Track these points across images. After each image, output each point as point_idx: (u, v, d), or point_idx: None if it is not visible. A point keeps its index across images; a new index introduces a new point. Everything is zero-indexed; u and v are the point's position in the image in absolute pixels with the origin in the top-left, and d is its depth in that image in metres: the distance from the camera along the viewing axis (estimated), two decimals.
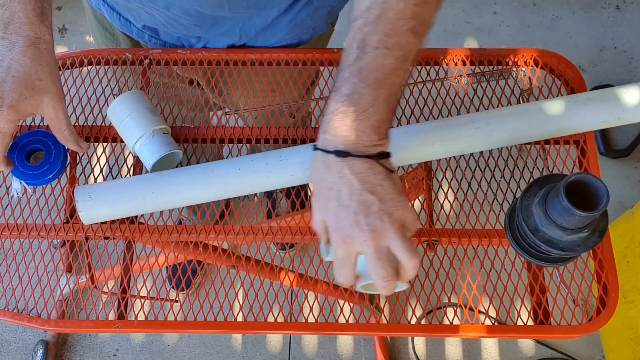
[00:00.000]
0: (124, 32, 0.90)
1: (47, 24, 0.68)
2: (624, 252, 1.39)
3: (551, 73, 0.87)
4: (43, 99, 0.67)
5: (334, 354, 1.57)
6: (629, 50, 1.93)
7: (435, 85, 0.88)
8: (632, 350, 1.37)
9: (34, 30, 0.67)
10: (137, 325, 0.74)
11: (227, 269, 0.84)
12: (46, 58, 0.67)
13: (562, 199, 0.60)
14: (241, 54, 0.87)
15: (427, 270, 0.73)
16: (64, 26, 2.02)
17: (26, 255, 0.78)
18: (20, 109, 0.66)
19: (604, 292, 0.74)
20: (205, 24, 0.82)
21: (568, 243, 0.65)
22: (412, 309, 0.75)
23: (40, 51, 0.67)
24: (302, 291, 1.12)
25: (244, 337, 1.59)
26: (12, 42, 0.66)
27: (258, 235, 0.76)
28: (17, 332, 1.60)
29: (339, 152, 0.57)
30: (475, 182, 0.81)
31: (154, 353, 1.58)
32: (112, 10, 0.87)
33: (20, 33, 0.66)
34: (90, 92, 0.88)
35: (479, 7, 2.01)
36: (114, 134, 0.83)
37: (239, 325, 0.74)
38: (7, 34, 0.66)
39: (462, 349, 1.58)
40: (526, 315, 0.76)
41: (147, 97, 0.79)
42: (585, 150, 0.81)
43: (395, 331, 0.76)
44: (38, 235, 0.77)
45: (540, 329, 0.73)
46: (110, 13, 0.88)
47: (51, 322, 0.74)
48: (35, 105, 0.67)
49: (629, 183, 1.76)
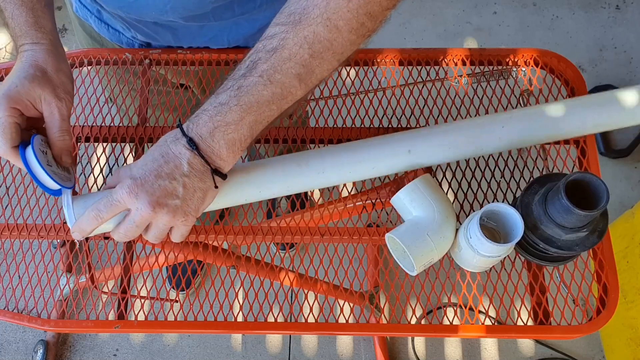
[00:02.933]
0: (113, 41, 0.90)
1: (43, 30, 0.68)
2: (624, 252, 1.39)
3: (551, 73, 0.87)
4: (39, 92, 0.65)
5: (333, 354, 1.57)
6: (629, 50, 1.93)
7: (435, 85, 0.88)
8: (632, 350, 1.37)
9: (29, 39, 0.67)
10: (137, 325, 0.74)
11: (227, 269, 0.84)
12: (42, 57, 0.67)
13: (562, 198, 0.60)
14: (241, 54, 0.88)
15: (427, 270, 0.73)
16: (64, 26, 2.02)
17: (26, 255, 0.78)
18: (13, 97, 0.63)
19: (604, 292, 0.74)
20: (192, 29, 0.82)
21: (567, 242, 0.65)
22: (412, 309, 0.75)
23: (36, 52, 0.67)
24: (302, 291, 1.12)
25: (244, 337, 1.59)
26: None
27: (258, 235, 0.76)
28: (17, 332, 1.60)
29: (191, 141, 0.61)
30: (475, 182, 0.81)
31: (154, 353, 1.58)
32: (100, 21, 0.87)
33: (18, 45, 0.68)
34: (90, 92, 0.89)
35: (479, 7, 2.02)
36: (114, 134, 0.83)
37: (239, 325, 0.74)
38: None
39: (462, 349, 1.58)
40: (526, 315, 0.76)
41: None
42: (585, 150, 0.81)
43: (395, 331, 0.76)
44: (38, 235, 0.77)
45: (540, 329, 0.73)
46: (98, 24, 0.88)
47: (51, 322, 0.74)
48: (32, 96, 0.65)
49: (629, 183, 1.76)
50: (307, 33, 0.58)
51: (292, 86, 0.60)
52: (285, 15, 0.59)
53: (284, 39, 0.59)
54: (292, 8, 0.59)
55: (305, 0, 0.59)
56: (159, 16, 0.76)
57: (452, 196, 0.79)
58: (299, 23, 0.59)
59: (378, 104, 0.86)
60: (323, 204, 0.90)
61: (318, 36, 0.59)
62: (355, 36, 0.60)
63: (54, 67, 0.67)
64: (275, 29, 0.60)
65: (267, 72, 0.59)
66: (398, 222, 0.73)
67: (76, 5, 0.89)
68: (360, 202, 0.96)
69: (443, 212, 0.70)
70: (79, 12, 0.89)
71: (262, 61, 0.59)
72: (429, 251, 0.68)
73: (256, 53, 0.60)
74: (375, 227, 0.77)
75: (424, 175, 0.72)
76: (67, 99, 0.68)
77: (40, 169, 0.63)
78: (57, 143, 0.67)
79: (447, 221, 0.70)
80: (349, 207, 0.96)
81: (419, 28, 1.97)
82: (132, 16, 0.78)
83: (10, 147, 0.64)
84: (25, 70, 0.65)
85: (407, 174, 0.88)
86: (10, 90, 0.64)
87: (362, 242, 0.77)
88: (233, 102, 0.60)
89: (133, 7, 0.75)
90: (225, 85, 0.61)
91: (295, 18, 0.59)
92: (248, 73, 0.60)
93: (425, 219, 0.70)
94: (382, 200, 0.83)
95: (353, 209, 0.96)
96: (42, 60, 0.67)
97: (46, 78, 0.66)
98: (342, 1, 0.57)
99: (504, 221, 0.67)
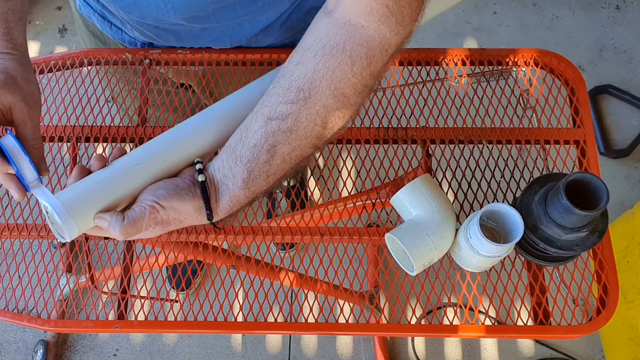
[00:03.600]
0: (116, 40, 0.90)
1: (14, 41, 0.69)
2: (624, 252, 1.39)
3: (551, 73, 0.87)
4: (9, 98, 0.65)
5: (333, 354, 1.57)
6: (629, 50, 1.93)
7: (435, 85, 0.88)
8: (632, 350, 1.37)
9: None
10: (137, 325, 0.74)
11: (227, 269, 0.84)
12: (12, 65, 0.68)
13: (562, 197, 0.60)
14: (241, 54, 0.88)
15: (427, 270, 0.73)
16: (64, 26, 2.02)
17: (26, 255, 0.78)
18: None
19: (604, 292, 0.74)
20: (194, 31, 0.82)
21: (566, 242, 0.65)
22: (412, 309, 0.75)
23: (6, 60, 0.68)
24: (302, 291, 1.12)
25: (244, 337, 1.59)
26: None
27: (258, 235, 0.77)
28: (17, 332, 1.60)
29: (210, 214, 0.63)
30: (475, 182, 0.81)
31: (154, 353, 1.58)
32: (104, 19, 0.87)
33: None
34: (90, 92, 0.89)
35: (479, 7, 2.01)
36: (114, 134, 0.83)
37: (239, 325, 0.74)
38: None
39: (462, 349, 1.58)
40: (526, 315, 0.76)
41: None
42: (585, 150, 0.81)
43: (395, 331, 0.76)
44: (38, 235, 0.77)
45: (540, 329, 0.73)
46: (101, 22, 0.88)
47: (51, 322, 0.74)
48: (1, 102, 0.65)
49: (629, 183, 1.76)
50: (318, 108, 0.60)
51: (308, 154, 0.64)
52: (294, 92, 0.60)
53: (297, 120, 0.60)
54: (299, 84, 0.60)
55: (310, 73, 0.59)
56: (161, 16, 0.76)
57: (452, 196, 0.79)
58: (309, 99, 0.60)
59: (378, 104, 0.86)
60: (323, 204, 0.90)
61: (329, 109, 0.60)
62: (360, 98, 0.62)
63: (23, 76, 0.68)
64: (287, 107, 0.61)
65: (289, 155, 0.62)
66: (398, 222, 0.73)
67: (79, 3, 0.89)
68: (360, 202, 0.96)
69: (443, 212, 0.70)
70: (82, 9, 0.89)
71: (282, 144, 0.61)
72: (429, 251, 0.68)
73: (273, 136, 0.61)
74: (375, 227, 0.77)
75: (424, 175, 0.72)
76: (37, 108, 0.68)
77: (23, 154, 0.62)
78: (33, 151, 0.66)
79: (447, 221, 0.70)
80: (349, 207, 0.97)
81: (419, 28, 1.97)
82: (134, 17, 0.78)
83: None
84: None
85: (407, 174, 0.88)
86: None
87: (362, 242, 0.77)
88: (263, 187, 0.64)
89: (134, 7, 0.75)
90: (252, 175, 0.63)
91: (305, 94, 0.60)
92: (271, 159, 0.62)
93: (424, 219, 0.70)
94: (382, 200, 0.83)
95: (353, 209, 0.96)
96: (12, 69, 0.67)
97: (16, 85, 0.66)
98: (347, 66, 0.59)
99: (504, 221, 0.67)
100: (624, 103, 1.85)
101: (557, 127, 0.83)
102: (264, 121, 0.62)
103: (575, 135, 0.82)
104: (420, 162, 0.85)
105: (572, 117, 0.85)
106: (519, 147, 0.81)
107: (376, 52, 0.59)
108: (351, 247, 0.78)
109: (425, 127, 0.83)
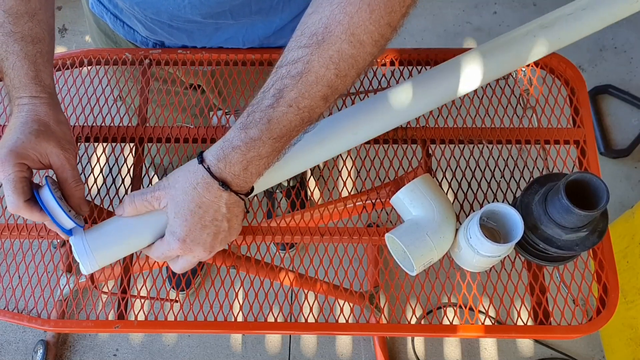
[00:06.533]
0: (127, 39, 0.90)
1: (42, 84, 0.69)
2: (624, 252, 1.39)
3: (551, 73, 0.87)
4: (45, 146, 0.66)
5: (333, 354, 1.57)
6: (629, 50, 1.93)
7: None
8: (632, 350, 1.37)
9: (28, 92, 0.68)
10: (137, 325, 0.74)
11: (227, 269, 0.84)
12: (43, 110, 0.68)
13: (562, 197, 0.60)
14: (241, 54, 0.88)
15: (427, 270, 0.73)
16: (64, 26, 2.02)
17: (26, 255, 0.78)
18: (20, 152, 0.64)
19: (604, 292, 0.74)
20: (208, 30, 0.82)
21: (566, 242, 0.65)
22: (412, 309, 0.75)
23: (37, 105, 0.68)
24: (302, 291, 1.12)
25: (244, 337, 1.59)
26: (10, 108, 0.69)
27: (258, 235, 0.77)
28: (17, 332, 1.60)
29: (224, 183, 0.62)
30: (475, 182, 0.81)
31: (154, 353, 1.58)
32: (116, 19, 0.87)
33: (15, 97, 0.69)
34: (90, 92, 0.89)
35: (479, 7, 2.02)
36: (114, 134, 0.83)
37: (239, 325, 0.74)
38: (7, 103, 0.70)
39: (462, 349, 1.58)
40: (526, 315, 0.76)
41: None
42: (585, 150, 0.81)
43: (395, 331, 0.75)
44: (38, 235, 0.77)
45: (540, 329, 0.73)
46: (113, 21, 0.88)
47: (51, 322, 0.74)
48: (38, 150, 0.66)
49: (629, 183, 1.76)
50: (332, 52, 0.58)
51: (318, 107, 0.61)
52: (307, 37, 0.58)
53: (309, 62, 0.58)
54: (312, 29, 0.58)
55: (325, 19, 0.57)
56: (177, 12, 0.75)
57: (452, 196, 0.79)
58: (322, 43, 0.58)
59: None
60: (323, 204, 0.90)
61: (343, 54, 0.58)
62: (376, 49, 0.60)
63: (55, 119, 0.69)
64: (299, 52, 0.58)
65: (295, 101, 0.59)
66: (398, 222, 0.73)
67: (92, 2, 0.89)
68: (360, 202, 0.96)
69: (443, 212, 0.70)
70: (94, 8, 0.89)
71: (289, 88, 0.59)
72: (429, 251, 0.68)
73: (281, 80, 0.59)
74: (375, 227, 0.77)
75: (424, 175, 0.72)
76: (72, 149, 0.69)
77: (58, 206, 0.65)
78: (75, 193, 0.68)
79: (447, 221, 0.70)
80: (349, 207, 0.97)
81: (419, 28, 1.97)
82: (149, 14, 0.78)
83: (23, 201, 0.65)
84: (29, 125, 0.66)
85: (407, 174, 0.88)
86: (16, 145, 0.65)
87: (362, 242, 0.77)
88: (266, 136, 0.60)
89: (149, 3, 0.75)
90: (252, 116, 0.60)
91: (318, 38, 0.58)
92: (276, 103, 0.59)
93: (424, 219, 0.70)
94: (382, 200, 0.83)
95: (353, 209, 0.96)
96: (44, 114, 0.68)
97: (49, 131, 0.67)
98: (365, 13, 0.57)
99: (504, 221, 0.67)
100: (624, 103, 1.85)
101: (557, 127, 0.83)
102: (274, 70, 0.59)
103: (575, 135, 0.82)
104: (420, 162, 0.85)
105: (572, 117, 0.85)
106: (519, 147, 0.81)
107: (395, 3, 0.57)
108: (351, 247, 0.78)
109: (425, 127, 0.83)
